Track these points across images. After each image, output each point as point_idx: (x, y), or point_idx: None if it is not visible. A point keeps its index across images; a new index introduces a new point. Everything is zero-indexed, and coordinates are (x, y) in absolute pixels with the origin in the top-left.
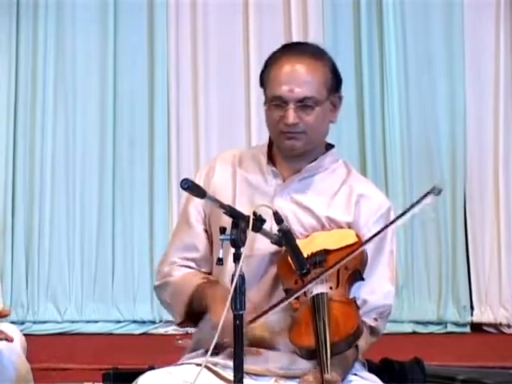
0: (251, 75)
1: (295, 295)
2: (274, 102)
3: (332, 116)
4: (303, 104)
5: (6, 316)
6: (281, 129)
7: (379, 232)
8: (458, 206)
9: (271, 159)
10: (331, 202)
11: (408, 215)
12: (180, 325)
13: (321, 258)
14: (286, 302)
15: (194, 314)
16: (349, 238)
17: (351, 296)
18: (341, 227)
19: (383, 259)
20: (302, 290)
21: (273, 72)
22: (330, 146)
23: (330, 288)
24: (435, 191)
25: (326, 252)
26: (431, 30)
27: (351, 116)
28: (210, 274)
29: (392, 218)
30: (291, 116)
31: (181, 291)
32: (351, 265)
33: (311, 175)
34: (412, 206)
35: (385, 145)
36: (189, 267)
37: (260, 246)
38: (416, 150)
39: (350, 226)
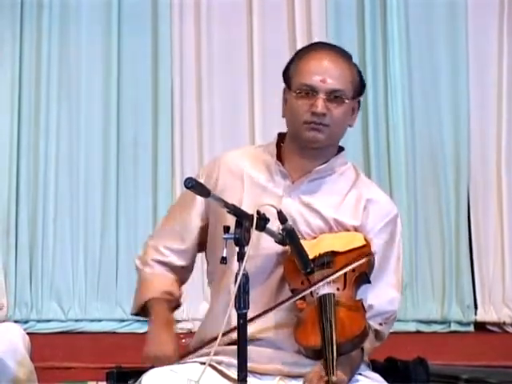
0: (255, 75)
1: (301, 295)
2: (303, 91)
3: (350, 119)
4: (333, 96)
5: None
6: (306, 119)
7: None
8: (462, 206)
9: (279, 159)
10: (340, 204)
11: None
12: (133, 315)
13: (328, 259)
14: (290, 301)
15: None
16: (357, 240)
17: (358, 298)
18: (347, 230)
19: (390, 265)
20: (309, 290)
21: (302, 63)
22: (340, 148)
23: (337, 289)
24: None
25: (334, 254)
26: (435, 33)
27: None
28: (187, 267)
29: (399, 224)
30: (321, 105)
31: (143, 290)
32: (358, 267)
33: (321, 177)
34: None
35: (389, 148)
36: (166, 264)
37: (266, 245)
38: (420, 154)
39: (356, 229)
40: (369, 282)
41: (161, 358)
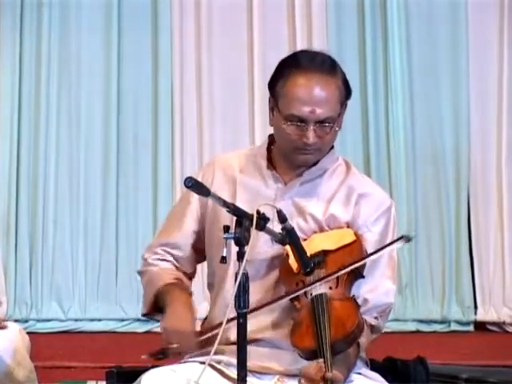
0: (255, 73)
1: (292, 295)
2: (292, 121)
3: (339, 125)
4: (323, 124)
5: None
6: (296, 145)
7: (378, 251)
8: (462, 206)
9: (271, 162)
10: (330, 203)
11: (377, 255)
12: (145, 315)
13: (320, 259)
14: (281, 300)
15: (160, 308)
16: (347, 237)
17: (351, 294)
18: (341, 227)
19: (384, 258)
20: (300, 292)
21: (287, 88)
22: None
23: (330, 288)
24: (405, 239)
25: (325, 253)
26: (435, 34)
27: (356, 119)
28: (189, 273)
29: (393, 215)
30: (312, 136)
31: (152, 284)
32: (350, 264)
33: (312, 178)
34: (382, 248)
35: (389, 148)
36: (169, 261)
37: (261, 250)
38: (420, 154)
39: (349, 225)
40: (362, 277)
41: (178, 331)
